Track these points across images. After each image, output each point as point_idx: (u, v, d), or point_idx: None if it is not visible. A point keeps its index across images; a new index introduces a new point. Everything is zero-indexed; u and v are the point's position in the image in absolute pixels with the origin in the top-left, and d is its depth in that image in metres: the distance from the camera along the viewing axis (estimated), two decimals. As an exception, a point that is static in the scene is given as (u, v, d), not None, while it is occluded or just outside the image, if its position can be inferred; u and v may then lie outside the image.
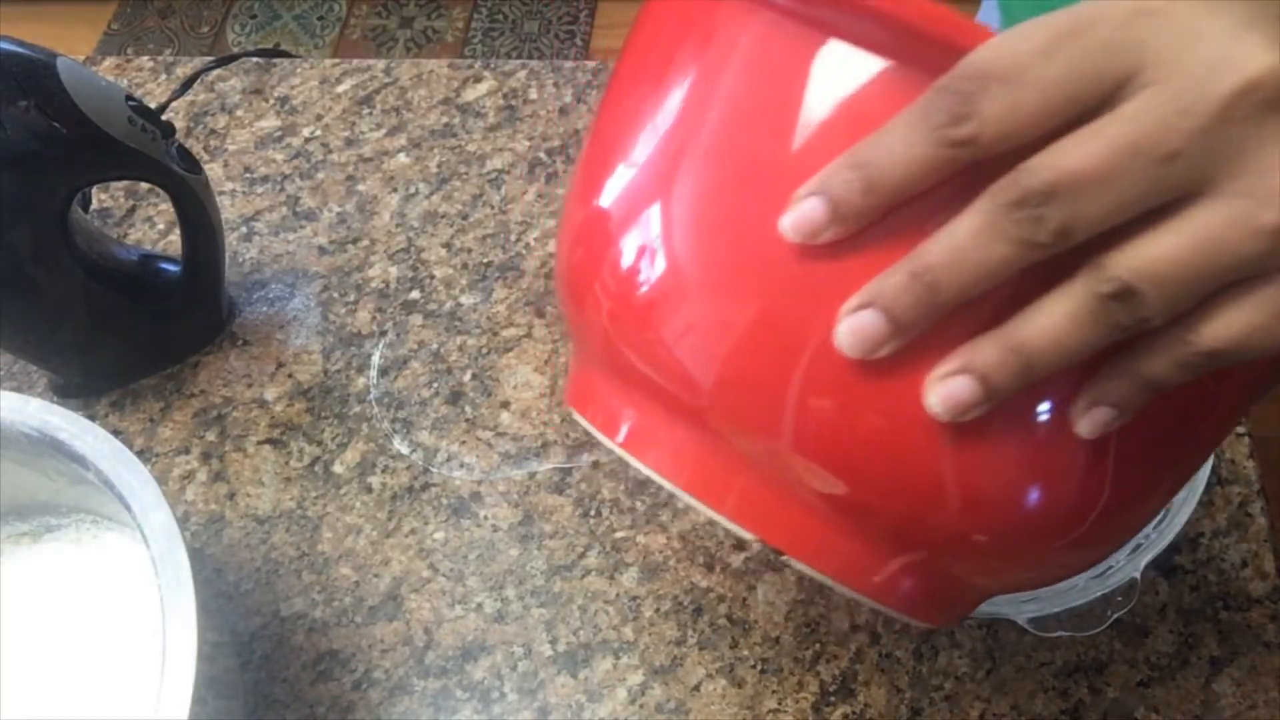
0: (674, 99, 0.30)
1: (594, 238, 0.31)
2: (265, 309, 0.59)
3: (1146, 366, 0.26)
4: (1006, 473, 0.28)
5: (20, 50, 0.46)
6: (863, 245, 0.27)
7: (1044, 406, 0.28)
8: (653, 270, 0.29)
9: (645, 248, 0.29)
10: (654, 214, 0.29)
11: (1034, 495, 0.28)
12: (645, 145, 0.30)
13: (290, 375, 0.57)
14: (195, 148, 0.65)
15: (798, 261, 0.27)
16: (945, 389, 0.26)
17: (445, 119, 0.66)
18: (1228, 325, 0.25)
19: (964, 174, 0.25)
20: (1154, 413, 0.27)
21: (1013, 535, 0.29)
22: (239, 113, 0.67)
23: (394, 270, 0.60)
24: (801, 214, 0.27)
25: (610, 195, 0.31)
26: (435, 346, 0.57)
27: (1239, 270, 0.24)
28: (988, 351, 0.26)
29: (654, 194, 0.29)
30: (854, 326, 0.26)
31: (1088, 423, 0.27)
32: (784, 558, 0.30)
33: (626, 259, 0.30)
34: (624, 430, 0.32)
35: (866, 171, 0.26)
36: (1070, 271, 0.25)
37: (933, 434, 0.27)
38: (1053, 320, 0.25)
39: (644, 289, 0.29)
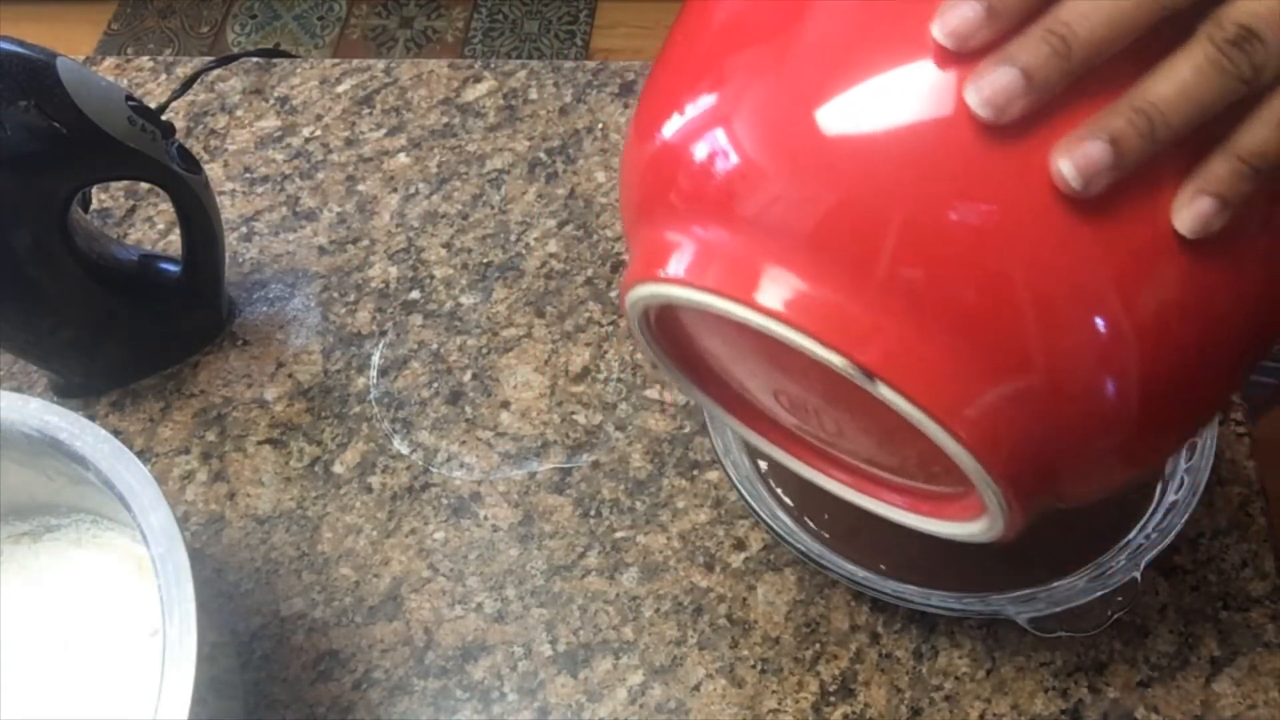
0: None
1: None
2: (265, 309, 0.59)
3: (1247, 140, 0.27)
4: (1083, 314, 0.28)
5: (20, 50, 0.46)
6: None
7: (1128, 218, 0.28)
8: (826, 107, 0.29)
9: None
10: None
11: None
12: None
13: (290, 375, 0.57)
14: (195, 148, 0.65)
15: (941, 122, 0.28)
16: (1077, 152, 0.26)
17: (445, 119, 0.66)
18: None
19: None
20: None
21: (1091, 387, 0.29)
22: (239, 113, 0.67)
23: (394, 270, 0.60)
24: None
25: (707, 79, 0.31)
26: (435, 346, 0.57)
27: None
28: (1116, 113, 0.27)
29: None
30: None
31: (1190, 214, 0.27)
32: (877, 384, 0.30)
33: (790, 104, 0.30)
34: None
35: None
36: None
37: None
38: (1178, 74, 0.26)
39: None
